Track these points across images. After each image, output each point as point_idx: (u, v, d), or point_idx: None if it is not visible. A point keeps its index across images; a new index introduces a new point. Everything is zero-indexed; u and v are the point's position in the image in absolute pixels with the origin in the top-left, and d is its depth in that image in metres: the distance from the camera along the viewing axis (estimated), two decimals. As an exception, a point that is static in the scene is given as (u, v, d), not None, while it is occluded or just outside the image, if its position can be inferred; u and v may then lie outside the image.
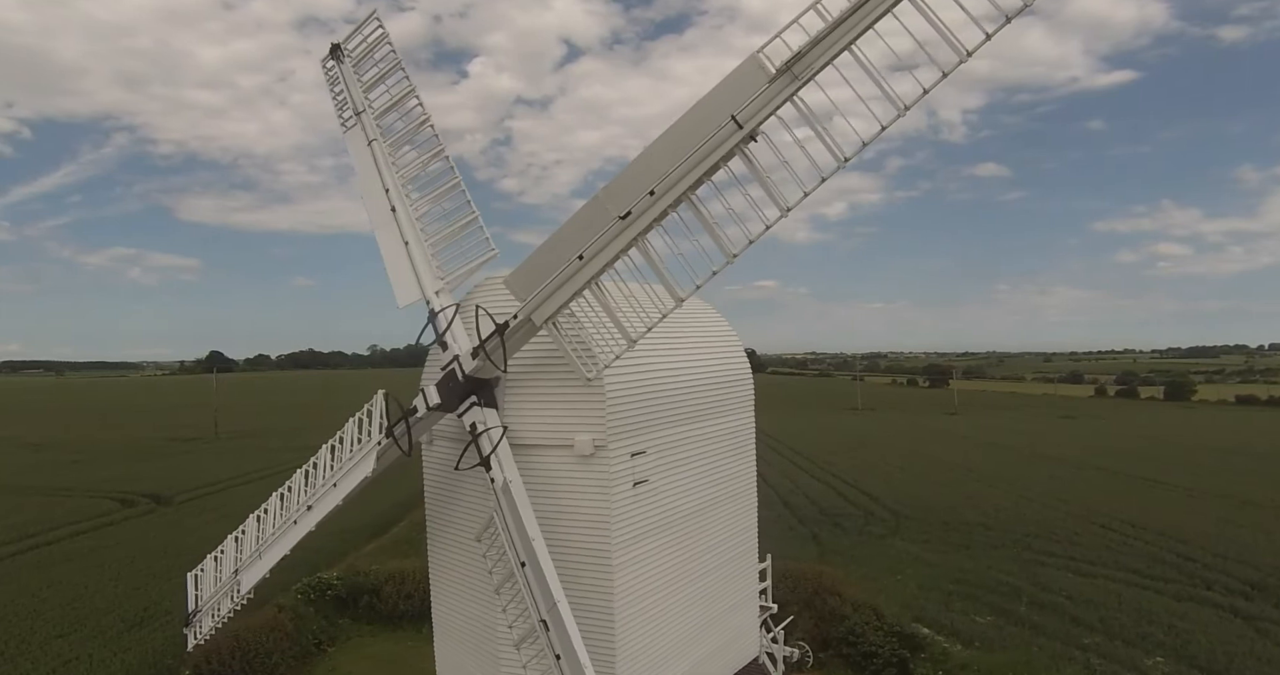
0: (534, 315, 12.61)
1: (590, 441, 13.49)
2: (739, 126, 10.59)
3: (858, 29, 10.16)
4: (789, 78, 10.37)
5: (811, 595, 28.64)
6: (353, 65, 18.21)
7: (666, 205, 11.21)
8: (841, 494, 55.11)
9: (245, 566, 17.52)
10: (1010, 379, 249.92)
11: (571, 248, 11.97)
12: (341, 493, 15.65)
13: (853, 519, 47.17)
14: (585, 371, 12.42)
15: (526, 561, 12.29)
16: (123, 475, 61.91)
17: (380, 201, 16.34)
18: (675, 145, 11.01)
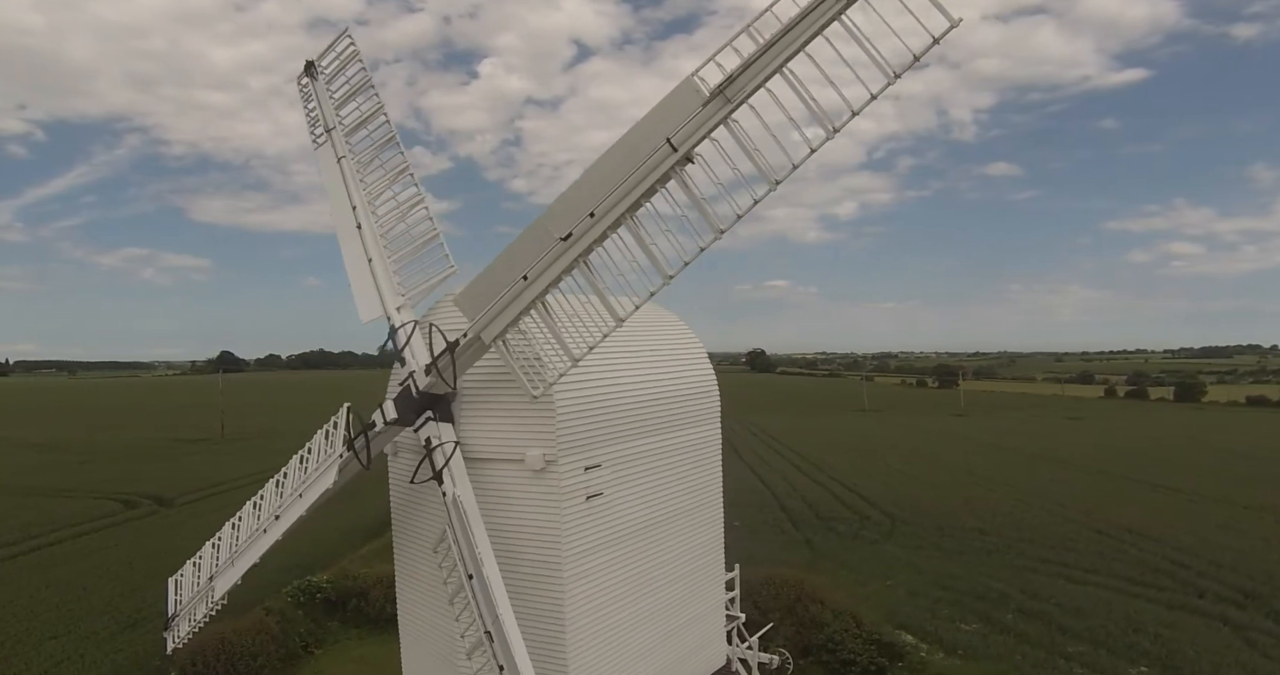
0: (483, 334, 12.81)
1: (541, 456, 13.68)
2: (674, 149, 10.73)
3: (789, 51, 10.27)
4: (722, 100, 10.50)
5: (793, 602, 28.76)
6: (325, 82, 18.46)
7: (605, 227, 11.37)
8: (839, 498, 55.14)
9: (219, 573, 17.84)
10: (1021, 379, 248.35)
11: (516, 268, 12.16)
12: (306, 503, 15.90)
13: (848, 523, 47.21)
14: (531, 389, 12.61)
15: (474, 574, 12.48)
16: (127, 476, 62.66)
17: (347, 218, 16.57)
18: (614, 168, 11.17)
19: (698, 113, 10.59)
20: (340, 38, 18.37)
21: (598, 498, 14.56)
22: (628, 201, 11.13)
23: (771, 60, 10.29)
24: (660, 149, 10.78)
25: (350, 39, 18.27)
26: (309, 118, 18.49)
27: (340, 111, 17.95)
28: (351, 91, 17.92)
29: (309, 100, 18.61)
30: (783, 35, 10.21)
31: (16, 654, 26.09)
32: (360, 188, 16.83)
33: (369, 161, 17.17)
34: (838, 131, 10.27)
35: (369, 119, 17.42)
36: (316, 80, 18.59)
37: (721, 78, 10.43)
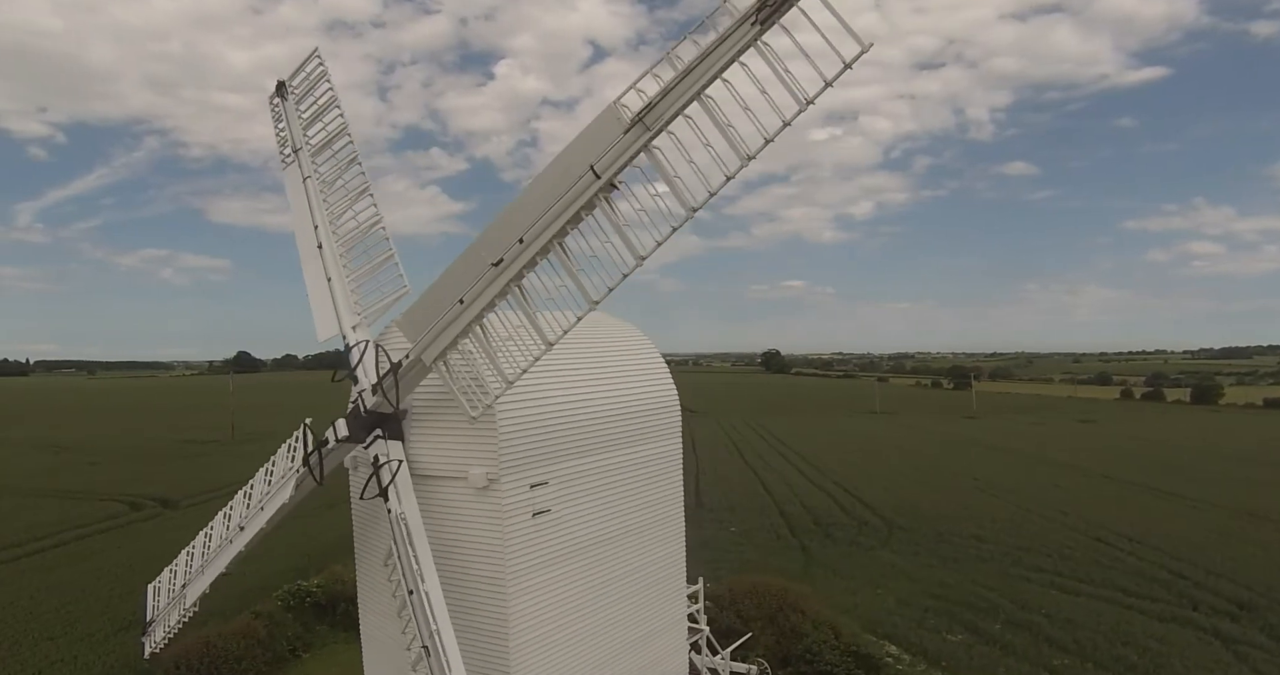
0: (423, 356, 13.04)
1: (483, 475, 13.89)
2: (597, 177, 10.89)
3: (706, 78, 10.39)
4: (641, 128, 10.64)
5: (775, 611, 28.77)
6: (295, 102, 18.76)
7: (534, 253, 11.55)
8: (839, 503, 55.04)
9: (191, 580, 18.25)
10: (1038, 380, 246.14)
11: (453, 292, 12.37)
12: (266, 516, 16.27)
13: (845, 529, 47.13)
14: (470, 410, 12.81)
15: (413, 589, 12.70)
16: (135, 478, 63.63)
17: (309, 237, 16.89)
18: (541, 194, 11.35)
19: (619, 140, 10.74)
20: (310, 58, 18.69)
21: (545, 514, 14.74)
22: (554, 228, 11.30)
23: (689, 88, 10.42)
24: (584, 176, 10.95)
25: (319, 59, 18.60)
26: (279, 138, 18.81)
27: (308, 131, 18.26)
28: (319, 112, 18.23)
29: (279, 120, 18.95)
30: (699, 62, 10.35)
31: (13, 654, 26.69)
32: (323, 207, 17.13)
33: (333, 181, 17.46)
34: (752, 158, 10.38)
35: (334, 139, 17.72)
36: (286, 100, 18.92)
37: (642, 105, 10.58)
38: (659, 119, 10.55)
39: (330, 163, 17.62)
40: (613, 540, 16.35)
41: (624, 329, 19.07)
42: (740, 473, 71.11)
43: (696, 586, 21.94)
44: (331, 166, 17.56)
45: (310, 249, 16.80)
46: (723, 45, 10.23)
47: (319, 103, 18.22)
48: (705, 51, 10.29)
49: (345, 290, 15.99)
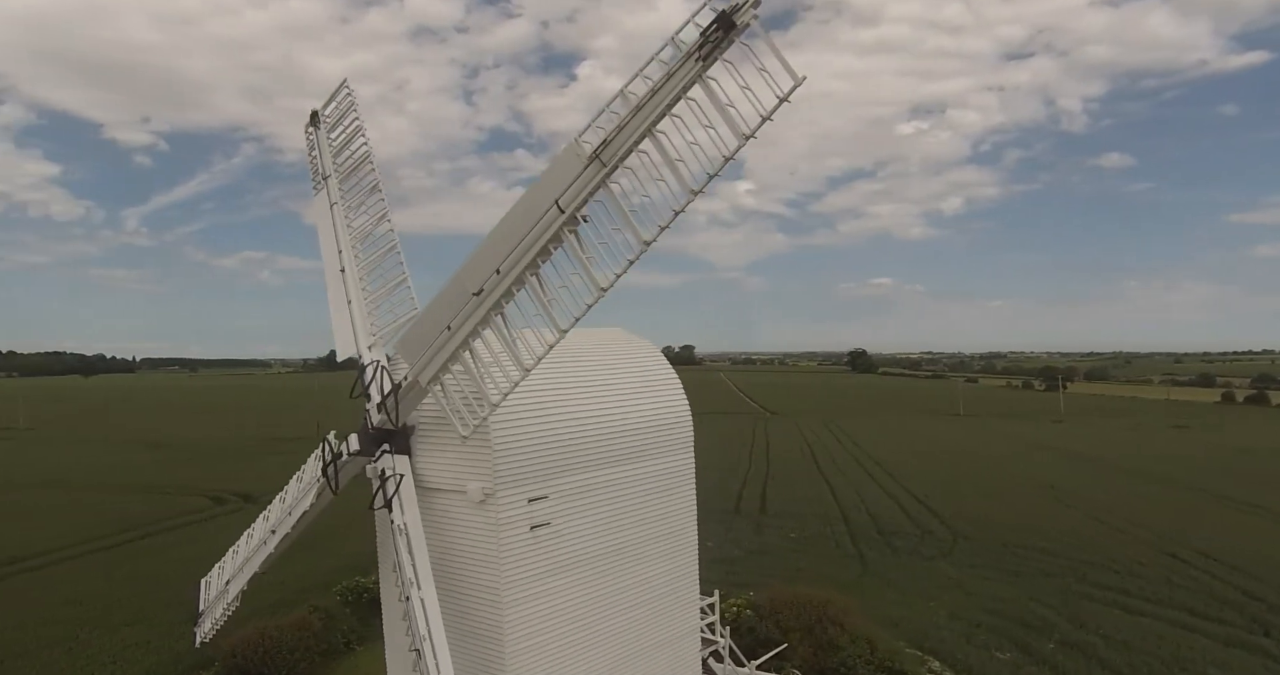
0: (420, 377, 13.79)
1: (480, 489, 14.55)
2: (561, 211, 11.38)
3: (655, 114, 10.71)
4: (598, 164, 11.07)
5: (814, 623, 28.68)
6: (327, 131, 19.88)
7: (510, 283, 12.12)
8: (905, 510, 54.17)
9: (234, 577, 19.60)
10: (1135, 382, 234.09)
11: (441, 319, 13.07)
12: (292, 521, 17.40)
13: (908, 538, 46.41)
14: (461, 430, 13.49)
15: (409, 596, 13.47)
16: (223, 474, 67.56)
17: (333, 261, 17.92)
18: (513, 228, 11.91)
19: (579, 175, 11.21)
20: (340, 88, 19.75)
21: (544, 527, 15.33)
22: (525, 260, 11.85)
23: (640, 124, 10.78)
24: (549, 211, 11.46)
25: (349, 89, 19.64)
26: (311, 166, 19.96)
27: (337, 159, 19.34)
28: (347, 140, 19.28)
29: (312, 148, 20.09)
30: (648, 99, 10.70)
31: (95, 638, 29.05)
32: (347, 232, 18.15)
33: (357, 206, 18.47)
34: (698, 193, 10.68)
35: (359, 167, 18.72)
36: (319, 129, 20.06)
37: (599, 141, 11.03)
38: (614, 155, 10.95)
39: (355, 189, 18.62)
40: (617, 553, 16.80)
41: (635, 345, 19.51)
42: (810, 477, 70.63)
43: (713, 599, 22.19)
44: (356, 193, 18.55)
45: (334, 272, 17.83)
46: (669, 81, 10.54)
47: (347, 131, 19.26)
48: (654, 88, 10.63)
49: (363, 312, 16.95)
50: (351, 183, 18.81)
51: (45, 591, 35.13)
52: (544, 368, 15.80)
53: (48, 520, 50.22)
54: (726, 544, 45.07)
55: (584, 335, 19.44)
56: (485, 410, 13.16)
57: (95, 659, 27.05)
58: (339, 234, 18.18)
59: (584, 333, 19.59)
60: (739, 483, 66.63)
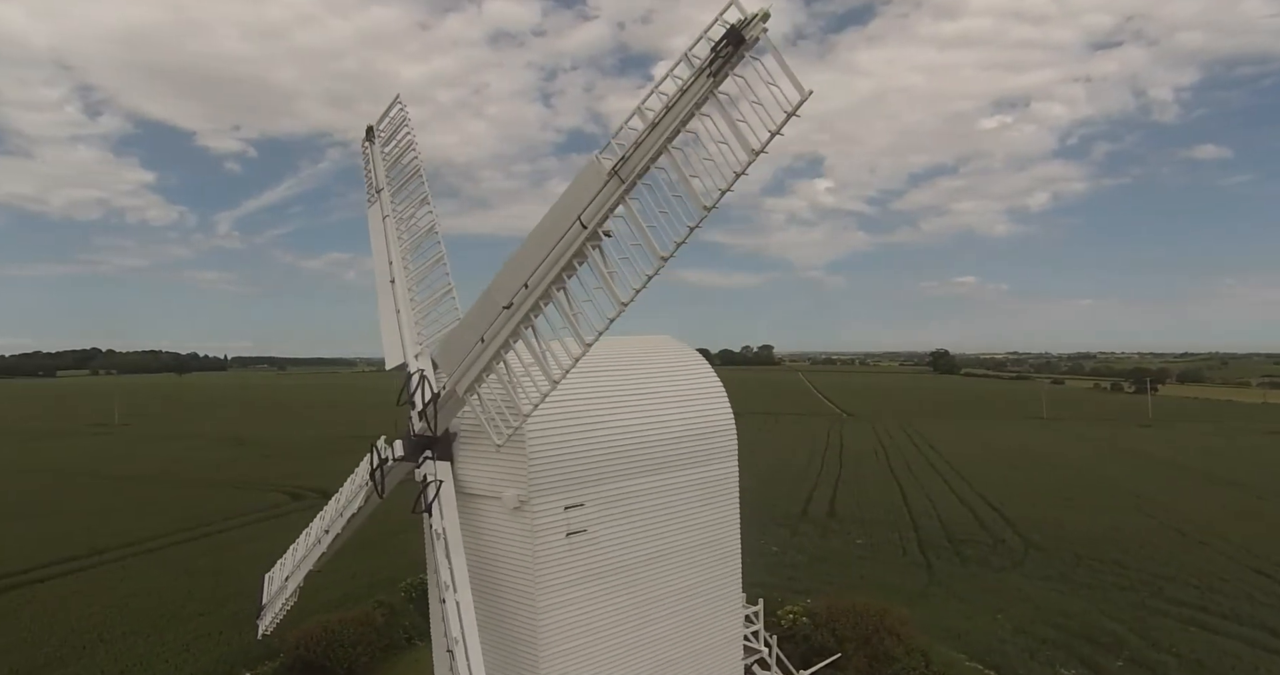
0: (456, 387, 14.23)
1: (515, 496, 14.92)
2: (584, 227, 11.62)
3: (670, 131, 10.82)
4: (617, 180, 11.27)
5: (870, 633, 28.27)
6: (381, 145, 20.61)
7: (537, 297, 12.42)
8: (978, 518, 52.75)
9: (292, 574, 20.49)
10: (1231, 384, 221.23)
11: (475, 331, 13.47)
12: (343, 522, 18.12)
13: (978, 547, 45.18)
14: (495, 438, 13.88)
15: (445, 599, 13.93)
16: (302, 471, 70.21)
17: (384, 272, 18.58)
18: (539, 243, 12.21)
19: (600, 192, 11.42)
20: (393, 104, 20.45)
21: (580, 534, 15.61)
22: (552, 275, 12.13)
23: (656, 140, 10.92)
24: (573, 226, 11.72)
25: (401, 105, 20.32)
26: (366, 179, 20.72)
27: (390, 172, 20.02)
28: (399, 154, 19.95)
29: (367, 163, 20.85)
30: (663, 115, 10.84)
31: (170, 627, 30.63)
32: (398, 244, 18.79)
33: (408, 218, 19.09)
34: (710, 210, 10.75)
35: (409, 180, 19.35)
36: (374, 144, 20.80)
37: (617, 158, 11.23)
38: (632, 171, 11.13)
39: (407, 202, 19.25)
40: (656, 560, 16.95)
41: (680, 353, 19.62)
42: (882, 481, 69.39)
43: (757, 607, 22.15)
44: (408, 205, 19.18)
45: (384, 282, 18.49)
46: (683, 98, 10.65)
47: (400, 145, 19.92)
48: (668, 104, 10.76)
49: (411, 321, 17.52)
50: (403, 196, 19.45)
51: (128, 581, 37.25)
52: (584, 376, 16.20)
53: (133, 514, 53.20)
54: (791, 549, 44.78)
55: (630, 343, 19.71)
56: (517, 421, 13.51)
57: (169, 647, 28.55)
58: (390, 245, 18.84)
59: (630, 340, 19.88)
60: (809, 486, 65.96)
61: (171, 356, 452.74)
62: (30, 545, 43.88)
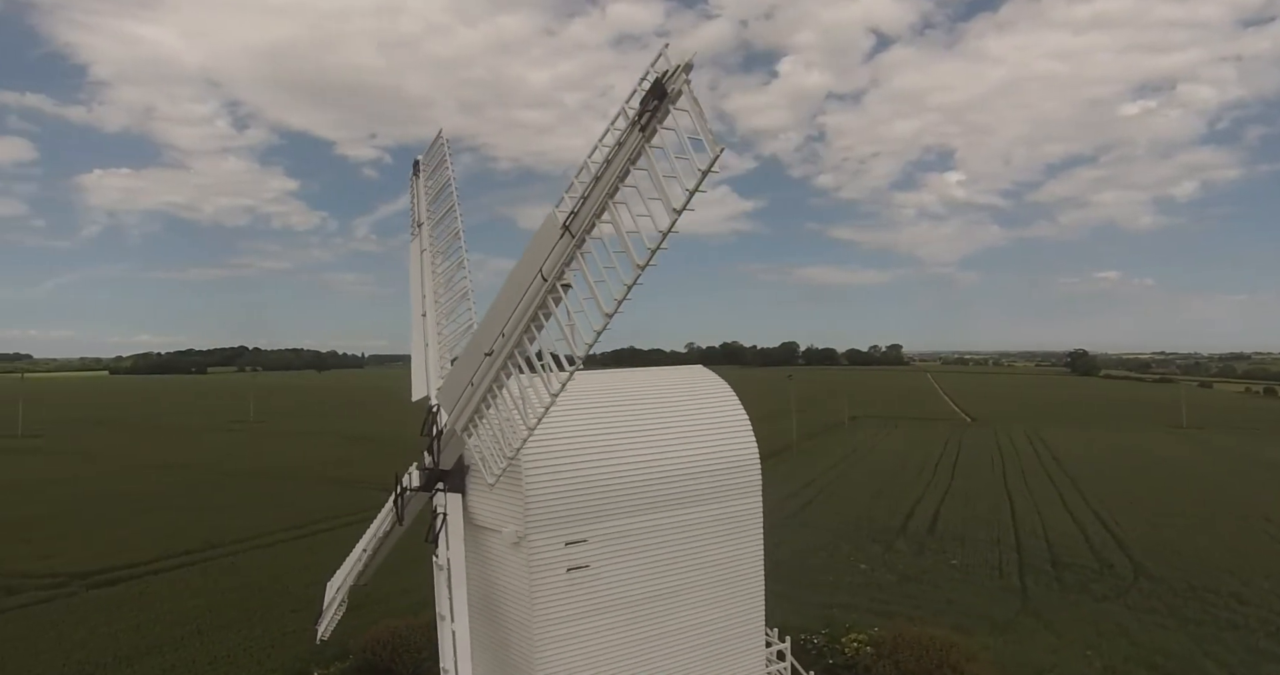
0: (455, 426, 14.71)
1: (514, 532, 15.25)
2: (544, 280, 11.80)
3: (608, 186, 10.81)
4: (568, 235, 11.37)
5: (934, 668, 27.16)
6: (425, 178, 21.38)
7: (513, 346, 12.69)
8: (1089, 538, 49.64)
9: (342, 585, 21.67)
10: None
11: (466, 375, 13.89)
12: (375, 543, 19.00)
13: (1082, 572, 42.54)
14: (487, 477, 14.26)
15: (441, 628, 14.45)
16: (414, 470, 73.15)
17: (418, 305, 19.31)
18: (511, 294, 12.50)
19: (555, 246, 11.56)
20: (437, 139, 21.19)
21: (582, 570, 15.79)
22: (523, 325, 12.37)
23: (599, 195, 10.96)
24: (535, 279, 11.92)
25: (444, 140, 21.02)
26: (411, 212, 21.55)
27: (431, 207, 20.77)
28: (439, 189, 20.65)
29: (413, 196, 21.67)
30: (604, 170, 10.87)
31: (263, 620, 32.69)
32: (432, 278, 19.48)
33: (442, 251, 19.77)
34: (643, 268, 10.65)
35: (446, 215, 19.99)
36: (419, 178, 21.61)
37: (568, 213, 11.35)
38: (580, 226, 11.21)
39: (442, 236, 19.92)
40: (665, 597, 16.88)
41: (707, 385, 19.41)
42: (993, 494, 66.34)
43: (784, 645, 21.71)
44: (443, 239, 19.84)
45: (418, 315, 19.24)
46: (620, 152, 10.65)
47: (439, 181, 20.62)
48: (607, 158, 10.78)
49: (437, 355, 18.17)
50: (440, 230, 20.14)
51: (233, 576, 40.06)
52: (597, 412, 16.48)
53: (251, 510, 57.05)
54: (881, 568, 43.48)
55: (659, 375, 19.79)
56: (502, 463, 13.82)
57: (257, 641, 30.52)
58: (424, 279, 19.56)
59: (661, 372, 19.95)
60: (914, 499, 63.83)
61: (312, 354, 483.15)
62: (153, 537, 47.86)
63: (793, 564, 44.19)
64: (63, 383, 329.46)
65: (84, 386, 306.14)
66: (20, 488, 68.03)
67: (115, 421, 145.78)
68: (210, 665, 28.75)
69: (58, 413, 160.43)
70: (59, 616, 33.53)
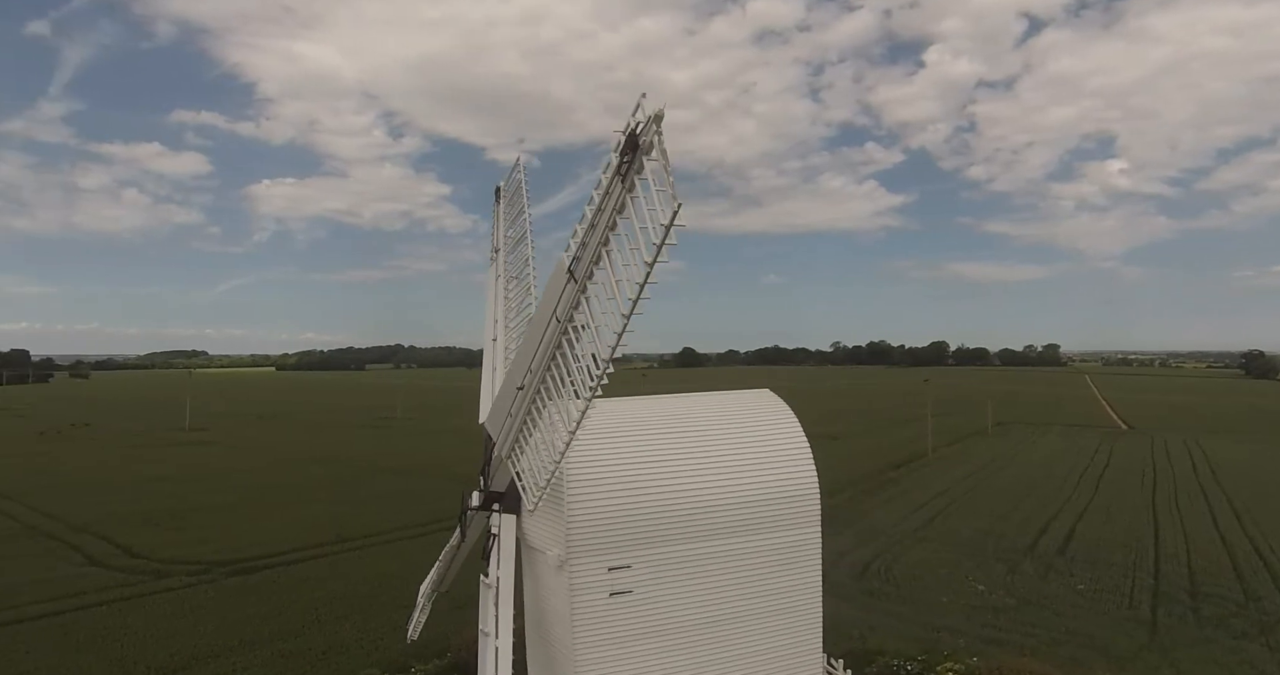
0: (501, 452, 15.39)
1: (557, 556, 15.77)
2: (559, 322, 12.25)
3: (600, 232, 11.07)
4: (572, 280, 11.75)
5: (1029, 704, 25.94)
6: (505, 205, 22.24)
7: (539, 381, 13.22)
8: (1238, 567, 45.59)
9: (426, 590, 22.96)
10: None
11: (504, 405, 14.56)
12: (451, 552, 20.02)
13: (1223, 604, 39.18)
14: (527, 503, 14.87)
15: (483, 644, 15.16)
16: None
17: (490, 329, 20.19)
18: (534, 333, 13.07)
19: (564, 290, 11.99)
20: (515, 166, 22.02)
21: (626, 595, 16.12)
22: (544, 363, 12.89)
23: (595, 241, 11.25)
24: (551, 320, 12.39)
25: (521, 168, 21.82)
26: (492, 237, 22.47)
27: (507, 233, 21.60)
28: (516, 215, 21.43)
29: (494, 223, 22.58)
30: (595, 217, 11.16)
31: (376, 615, 34.75)
32: (503, 303, 20.28)
33: (514, 277, 20.55)
34: (628, 318, 10.87)
35: (520, 241, 20.75)
36: (499, 204, 22.51)
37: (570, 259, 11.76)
38: (581, 272, 11.57)
39: (515, 262, 20.70)
40: (713, 625, 16.88)
41: (769, 411, 19.20)
42: (1137, 512, 61.95)
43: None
44: (515, 265, 20.63)
45: (489, 341, 20.10)
46: (606, 200, 10.90)
47: (516, 207, 21.40)
48: (597, 207, 11.06)
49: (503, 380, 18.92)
50: (514, 257, 20.94)
51: (359, 569, 42.88)
52: (646, 439, 16.88)
53: (385, 506, 60.74)
54: (1000, 590, 41.51)
55: (722, 400, 19.88)
56: (536, 492, 14.38)
57: (369, 634, 32.63)
58: (497, 305, 20.42)
59: (724, 397, 20.04)
60: (1049, 515, 60.50)
61: (463, 352, 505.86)
62: (292, 530, 51.82)
63: (906, 581, 42.96)
64: (230, 378, 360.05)
65: (251, 383, 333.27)
66: (182, 479, 75.08)
67: (276, 417, 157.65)
68: (323, 655, 30.98)
69: (227, 407, 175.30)
70: (199, 601, 37.03)
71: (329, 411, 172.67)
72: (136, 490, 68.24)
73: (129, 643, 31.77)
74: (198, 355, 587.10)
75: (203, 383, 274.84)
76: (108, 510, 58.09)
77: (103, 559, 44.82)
